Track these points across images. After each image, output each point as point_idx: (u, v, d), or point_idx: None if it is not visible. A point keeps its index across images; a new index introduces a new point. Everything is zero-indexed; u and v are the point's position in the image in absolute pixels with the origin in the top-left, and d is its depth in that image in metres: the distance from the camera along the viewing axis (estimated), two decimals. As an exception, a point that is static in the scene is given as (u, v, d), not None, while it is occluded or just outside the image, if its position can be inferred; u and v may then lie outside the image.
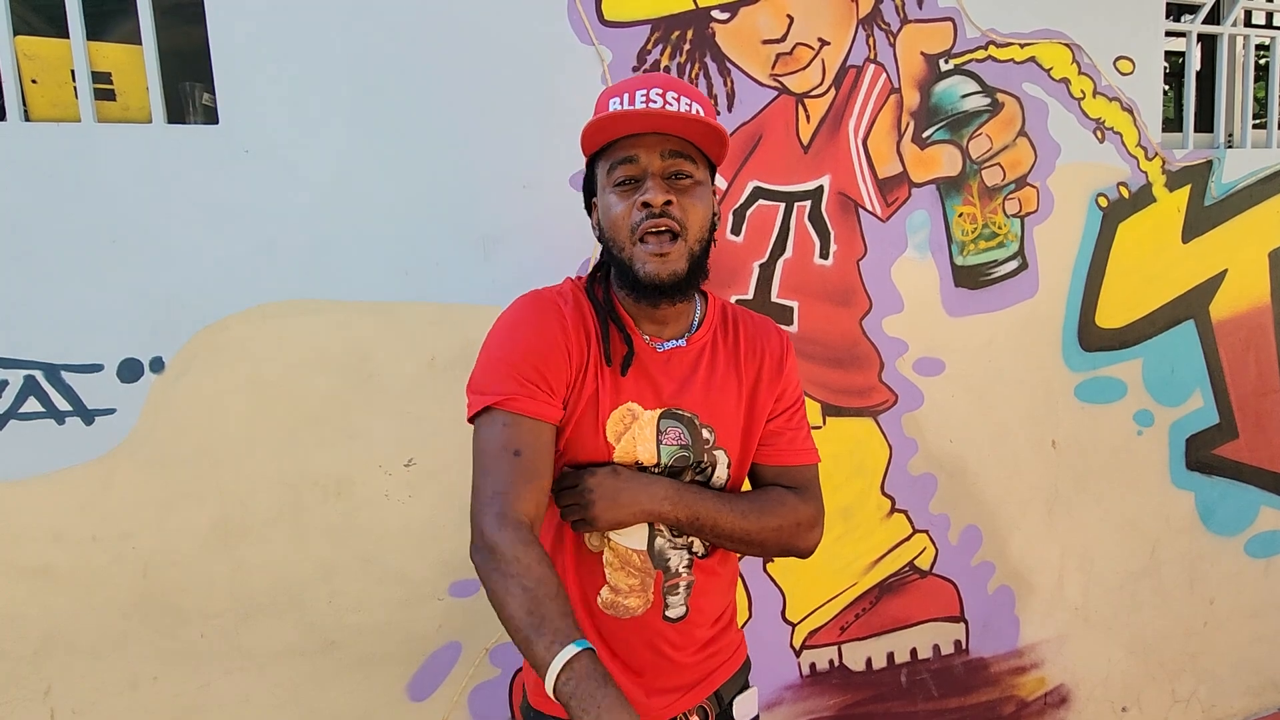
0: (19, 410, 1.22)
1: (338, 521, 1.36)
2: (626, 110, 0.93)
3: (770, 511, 1.05)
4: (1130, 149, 1.82)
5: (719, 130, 0.95)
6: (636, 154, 0.95)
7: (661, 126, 0.94)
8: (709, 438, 1.04)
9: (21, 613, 1.25)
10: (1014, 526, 1.84)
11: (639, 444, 1.01)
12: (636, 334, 1.02)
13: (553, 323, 0.98)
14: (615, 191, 0.97)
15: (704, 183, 0.99)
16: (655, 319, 1.02)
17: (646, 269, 0.95)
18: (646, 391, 1.01)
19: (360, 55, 1.31)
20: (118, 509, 1.27)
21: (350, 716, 1.41)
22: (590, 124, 0.95)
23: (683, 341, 1.04)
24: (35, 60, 1.22)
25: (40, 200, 1.20)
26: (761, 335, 1.09)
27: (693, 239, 0.96)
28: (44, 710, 1.27)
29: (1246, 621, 2.12)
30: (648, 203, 0.93)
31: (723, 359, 1.06)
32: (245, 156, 1.27)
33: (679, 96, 0.95)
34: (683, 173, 0.96)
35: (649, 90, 0.94)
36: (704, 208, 0.98)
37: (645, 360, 1.01)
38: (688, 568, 1.06)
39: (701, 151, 0.98)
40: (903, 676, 1.78)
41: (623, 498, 0.96)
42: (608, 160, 0.97)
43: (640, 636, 1.04)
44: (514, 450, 0.92)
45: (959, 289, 1.71)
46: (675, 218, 0.94)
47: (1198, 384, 1.98)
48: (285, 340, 1.32)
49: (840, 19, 1.56)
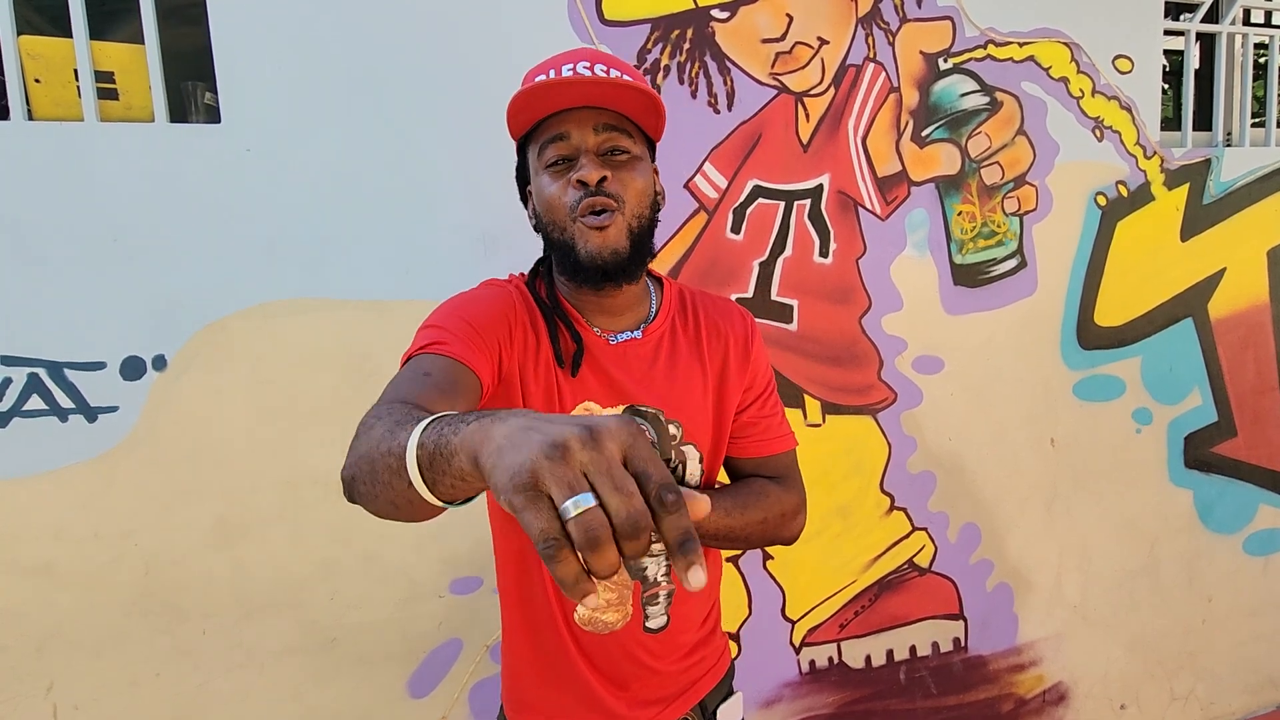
0: (22, 408, 1.22)
1: (338, 519, 1.37)
2: (551, 81, 0.85)
3: (752, 505, 0.99)
4: (1129, 147, 1.82)
5: (653, 97, 0.89)
6: (567, 130, 0.88)
7: (592, 98, 0.87)
8: (676, 433, 0.97)
9: (24, 609, 1.25)
10: (1013, 524, 1.84)
11: None
12: (587, 329, 0.95)
13: (506, 304, 0.92)
14: (548, 173, 0.90)
15: (641, 157, 0.92)
16: (605, 309, 0.96)
17: (588, 247, 0.88)
18: (604, 389, 0.94)
19: (361, 55, 1.31)
20: (119, 507, 1.27)
21: (351, 714, 1.42)
22: (514, 99, 0.88)
23: (638, 333, 0.97)
24: (38, 59, 1.23)
25: (43, 199, 1.21)
26: (724, 319, 1.03)
27: (630, 214, 0.89)
28: (46, 706, 1.28)
29: (1245, 619, 2.12)
30: (583, 180, 0.87)
31: (684, 348, 0.99)
32: (247, 156, 1.28)
33: (608, 68, 0.89)
34: (619, 148, 0.90)
35: (575, 64, 0.88)
36: (643, 182, 0.91)
37: (599, 356, 0.94)
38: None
39: (637, 126, 0.93)
40: (902, 674, 1.79)
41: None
42: (538, 141, 0.91)
43: (621, 649, 0.99)
44: (424, 372, 0.79)
45: (958, 287, 1.72)
46: (612, 194, 0.88)
47: (1196, 382, 1.98)
48: (286, 338, 1.32)
49: (839, 18, 1.56)
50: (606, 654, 0.99)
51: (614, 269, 0.89)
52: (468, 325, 0.87)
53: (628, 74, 0.91)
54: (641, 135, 0.94)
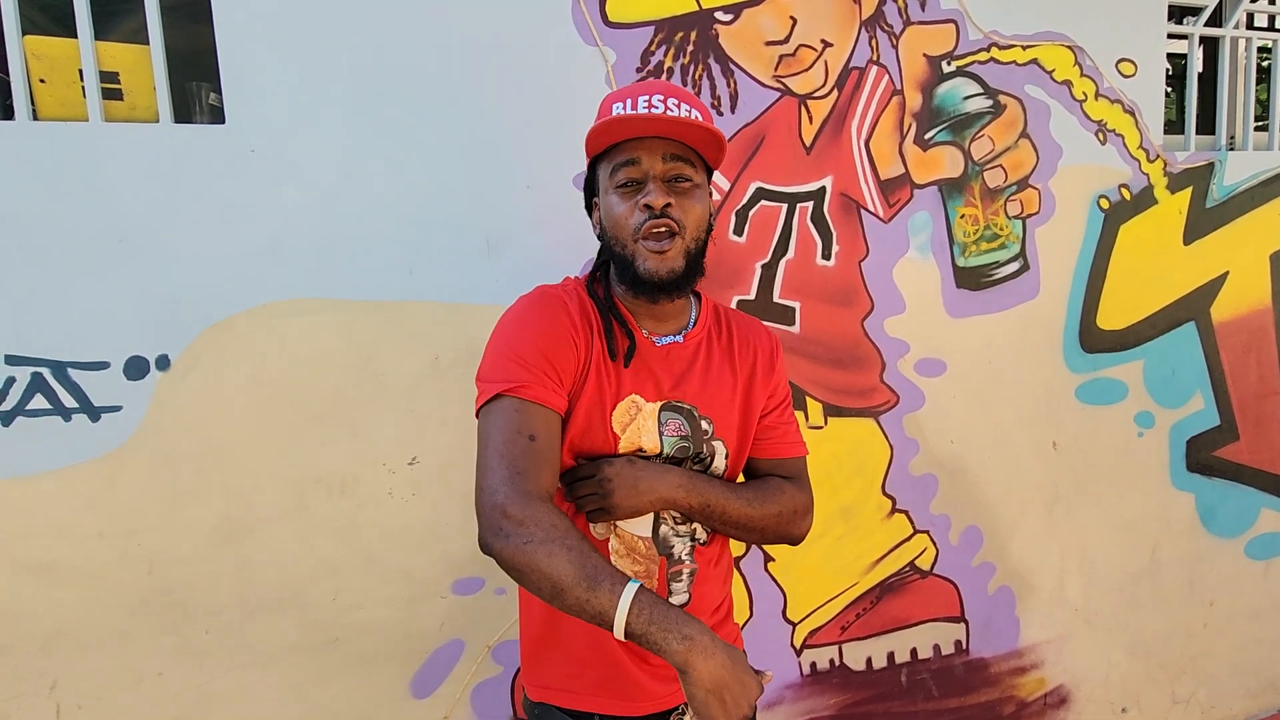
0: (26, 407, 1.23)
1: (342, 519, 1.37)
2: (630, 114, 0.97)
3: (771, 499, 1.10)
4: (1132, 151, 1.82)
5: (718, 135, 0.99)
6: (639, 157, 0.99)
7: (664, 131, 0.98)
8: (708, 429, 1.08)
9: (28, 608, 1.26)
10: (1014, 527, 1.84)
11: (643, 434, 1.04)
12: (636, 329, 1.06)
13: (560, 316, 1.02)
14: (618, 193, 1.01)
15: (702, 186, 1.03)
16: (654, 315, 1.07)
17: (647, 265, 0.99)
18: (648, 384, 1.05)
19: (365, 56, 1.32)
20: (123, 506, 1.28)
21: (353, 713, 1.42)
22: (595, 127, 0.99)
23: (679, 337, 1.09)
24: (43, 60, 1.23)
25: (47, 199, 1.21)
26: (753, 334, 1.15)
27: (690, 238, 1.01)
28: (49, 704, 1.28)
29: (1247, 623, 2.12)
30: (649, 204, 0.98)
31: (718, 355, 1.11)
32: (251, 156, 1.28)
33: (679, 103, 0.99)
34: (683, 176, 1.00)
35: (651, 96, 0.98)
36: (701, 209, 1.02)
37: (645, 354, 1.05)
38: (690, 555, 1.09)
39: (700, 156, 1.03)
40: (903, 676, 1.79)
41: (641, 485, 1.00)
42: (610, 162, 1.01)
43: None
44: (529, 435, 0.94)
45: (960, 290, 1.72)
46: (674, 219, 0.99)
47: (1198, 386, 1.98)
48: (290, 339, 1.32)
49: (843, 21, 1.56)
50: None
51: (669, 285, 1.01)
52: (544, 359, 0.98)
53: (697, 108, 1.01)
54: (703, 164, 1.04)
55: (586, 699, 1.07)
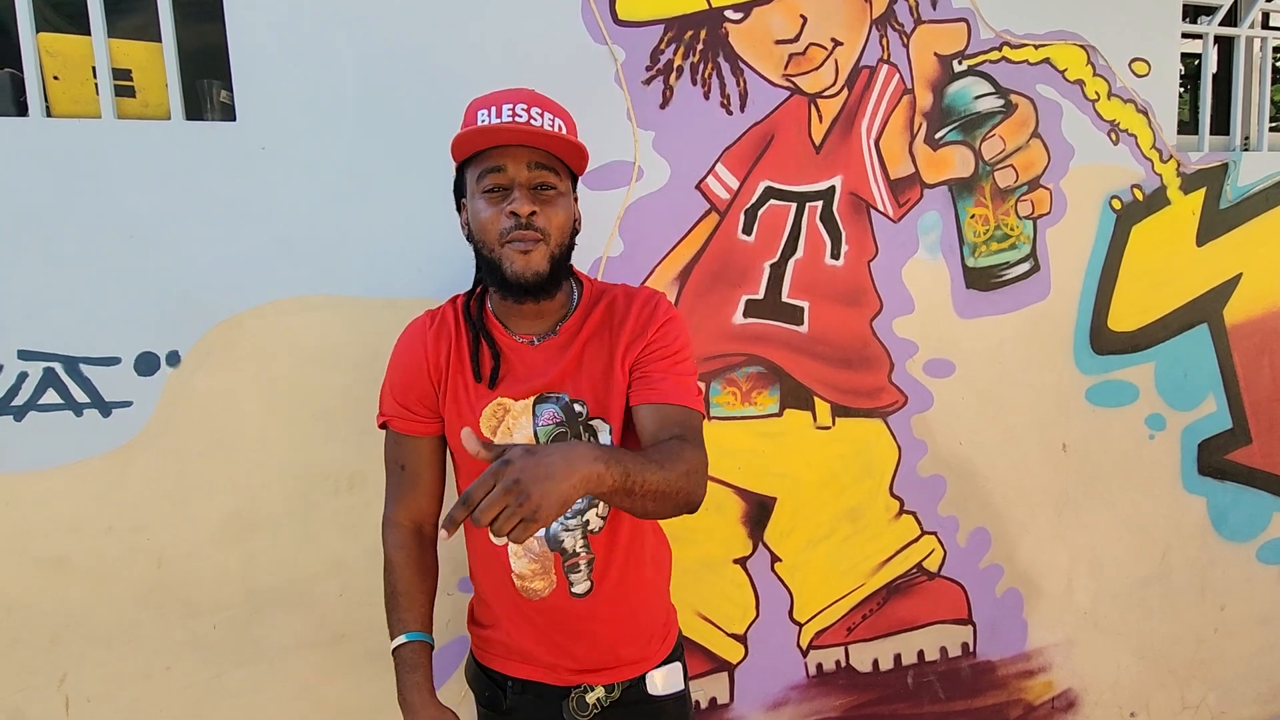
0: (38, 402, 1.23)
1: (348, 516, 1.38)
2: (496, 125, 1.01)
3: (674, 459, 0.96)
4: (1145, 151, 1.81)
5: (580, 147, 1.05)
6: (504, 164, 1.02)
7: (530, 141, 1.02)
8: (582, 411, 1.09)
9: (38, 601, 1.27)
10: (1023, 529, 1.83)
11: (515, 433, 1.09)
12: (508, 336, 1.11)
13: (413, 347, 1.13)
14: (484, 198, 1.04)
15: (565, 193, 1.07)
16: (526, 315, 1.10)
17: (514, 268, 1.03)
18: (517, 388, 1.09)
19: (375, 55, 1.32)
20: (133, 501, 1.29)
21: (360, 709, 1.43)
22: (461, 135, 1.03)
23: (555, 333, 1.11)
24: (57, 57, 1.24)
25: (60, 195, 1.22)
26: (625, 302, 1.13)
27: (554, 243, 1.05)
28: (59, 698, 1.29)
29: (1258, 628, 2.10)
30: (515, 211, 1.01)
31: (593, 336, 1.11)
32: (261, 154, 1.29)
33: (542, 112, 1.03)
34: (547, 184, 1.04)
35: (515, 105, 1.03)
36: (565, 215, 1.06)
37: (514, 360, 1.10)
38: (584, 546, 1.12)
39: (564, 163, 1.06)
40: (909, 678, 1.78)
41: (556, 470, 0.79)
42: (477, 167, 1.04)
43: (555, 614, 1.13)
44: (400, 464, 1.16)
45: (970, 290, 1.71)
46: (539, 227, 1.02)
47: (1211, 388, 1.96)
48: (298, 336, 1.33)
49: (854, 19, 1.56)
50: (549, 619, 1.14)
51: (535, 287, 1.04)
52: (404, 392, 1.13)
53: (560, 118, 1.06)
54: (567, 171, 1.08)
55: (508, 664, 1.17)
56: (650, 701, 1.18)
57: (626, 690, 1.17)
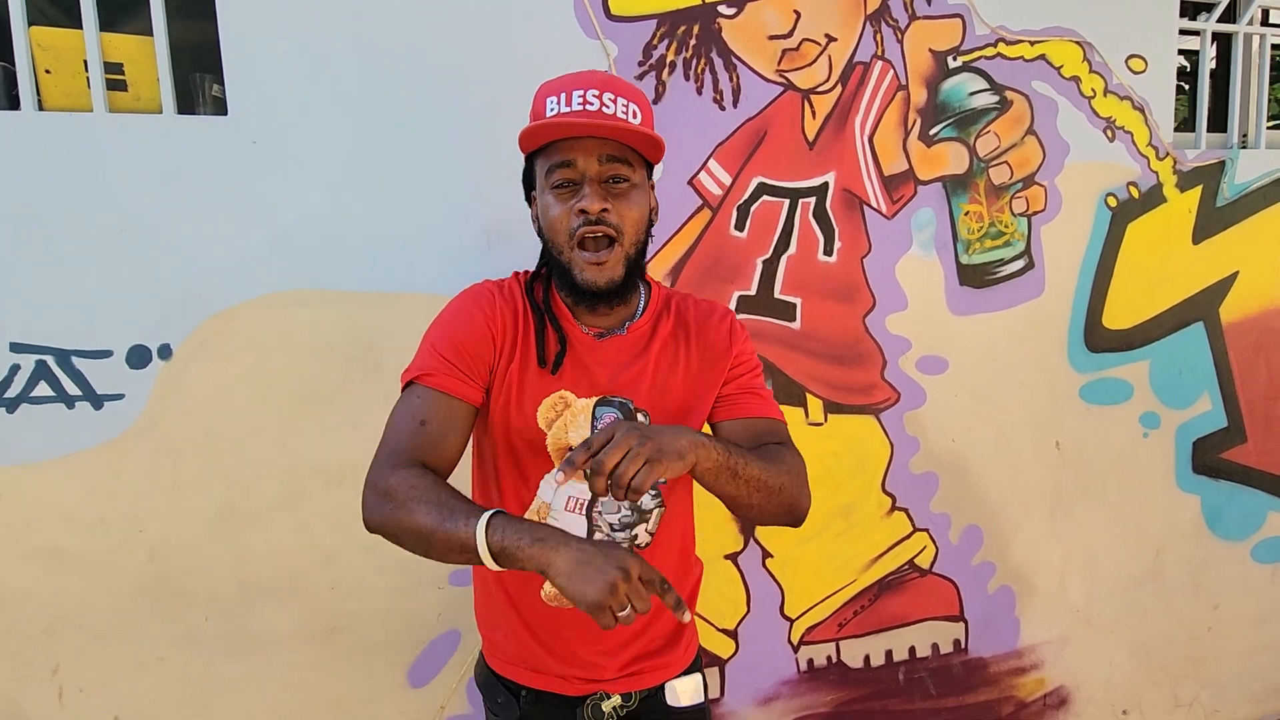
0: (30, 394, 1.24)
1: (340, 509, 1.38)
2: (564, 116, 0.94)
3: (775, 459, 0.98)
4: (1141, 148, 1.80)
5: (653, 138, 0.96)
6: (574, 158, 0.95)
7: (602, 134, 0.93)
8: (645, 421, 1.02)
9: (32, 592, 1.28)
10: (1016, 527, 1.83)
11: (570, 430, 1.01)
12: (575, 326, 1.03)
13: (481, 309, 1.01)
14: (553, 193, 0.97)
15: (640, 185, 0.99)
16: (595, 312, 1.03)
17: (584, 276, 0.97)
18: (581, 380, 1.01)
19: (367, 49, 1.32)
20: (126, 493, 1.29)
21: (352, 701, 1.44)
22: (527, 130, 0.95)
23: (623, 330, 1.05)
24: (49, 51, 1.24)
25: (52, 189, 1.23)
26: (704, 318, 1.09)
27: (629, 243, 0.98)
28: (52, 688, 1.30)
29: (1252, 627, 2.10)
30: (585, 209, 0.94)
31: (664, 346, 1.06)
32: (253, 148, 1.29)
33: (616, 98, 0.95)
34: (620, 176, 0.96)
35: (586, 91, 0.94)
36: (640, 211, 0.99)
37: (581, 351, 1.02)
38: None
39: (639, 153, 0.98)
40: (901, 674, 1.79)
41: (668, 431, 0.85)
42: (546, 160, 0.97)
43: (585, 625, 1.02)
44: (420, 420, 0.95)
45: (964, 287, 1.70)
46: (612, 224, 0.95)
47: (1206, 387, 1.96)
48: (290, 329, 1.33)
49: (847, 15, 1.55)
50: (577, 629, 1.05)
51: (608, 294, 0.99)
52: (458, 350, 0.98)
53: (635, 102, 0.97)
54: (642, 161, 1.00)
55: (521, 672, 1.08)
56: (669, 713, 1.11)
57: (644, 700, 1.10)
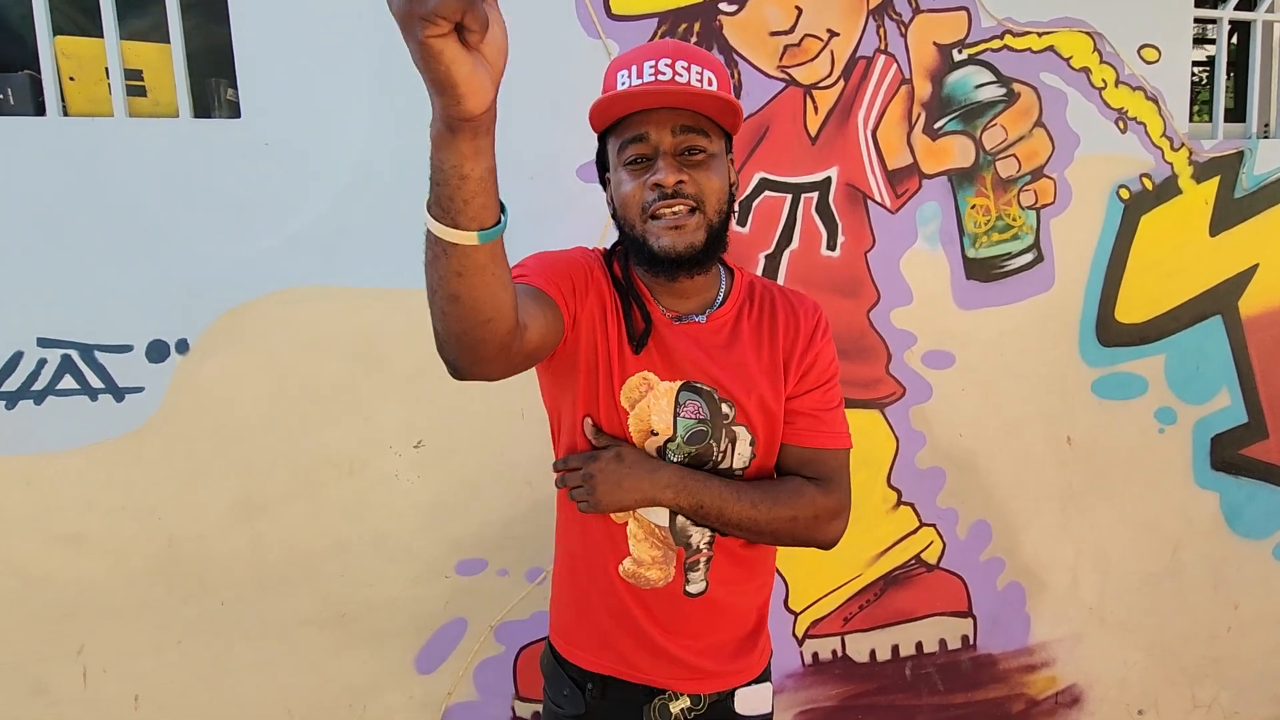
0: (56, 386, 1.30)
1: (351, 500, 1.42)
2: (635, 89, 0.91)
3: (785, 502, 0.99)
4: (1154, 140, 1.77)
5: (730, 102, 0.92)
6: (647, 131, 0.92)
7: (673, 103, 0.91)
8: (728, 413, 1.00)
9: (57, 576, 1.34)
10: (1026, 523, 1.82)
11: (654, 413, 0.99)
12: (654, 306, 1.01)
13: (584, 259, 1.01)
14: (627, 170, 0.95)
15: (718, 155, 0.96)
16: (674, 292, 1.01)
17: (661, 243, 0.94)
18: (663, 363, 0.99)
19: (374, 51, 1.36)
20: (145, 482, 1.35)
21: (362, 685, 1.48)
22: (599, 102, 0.93)
23: (703, 317, 1.02)
24: (72, 59, 1.30)
25: (76, 190, 1.28)
26: (793, 310, 1.06)
27: (711, 211, 0.95)
28: (76, 668, 1.36)
29: (1273, 627, 2.05)
30: (659, 183, 0.92)
31: (748, 334, 1.03)
32: (265, 149, 1.33)
33: (689, 65, 0.92)
34: (696, 147, 0.94)
35: (658, 61, 0.92)
36: (719, 181, 0.96)
37: (663, 333, 1.00)
38: (709, 545, 1.03)
39: (716, 123, 0.96)
40: (907, 670, 1.78)
41: (625, 483, 0.96)
42: (618, 137, 0.96)
43: (660, 608, 1.03)
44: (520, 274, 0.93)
45: (970, 281, 1.69)
46: (689, 195, 0.93)
47: (1224, 381, 1.92)
48: (302, 325, 1.38)
49: (850, 10, 1.55)
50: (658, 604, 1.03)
51: (688, 261, 0.95)
52: (549, 268, 0.96)
53: (709, 69, 0.94)
54: (718, 129, 0.97)
55: (586, 657, 1.05)
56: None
57: (713, 705, 1.06)
